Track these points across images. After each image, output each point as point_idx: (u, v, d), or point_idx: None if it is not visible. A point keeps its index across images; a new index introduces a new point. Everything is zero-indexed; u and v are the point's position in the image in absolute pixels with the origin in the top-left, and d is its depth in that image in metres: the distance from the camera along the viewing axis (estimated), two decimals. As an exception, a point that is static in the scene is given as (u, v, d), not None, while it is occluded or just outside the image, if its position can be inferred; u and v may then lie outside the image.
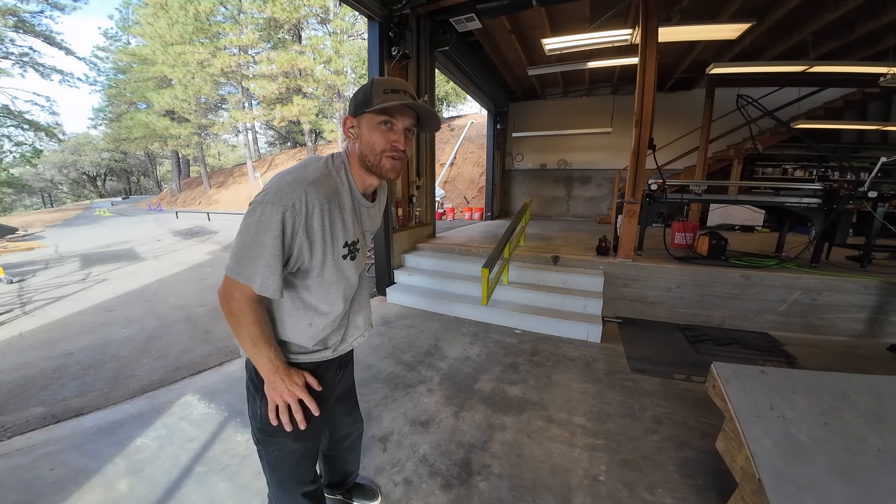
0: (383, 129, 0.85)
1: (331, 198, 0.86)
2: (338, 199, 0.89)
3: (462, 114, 19.59)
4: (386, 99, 0.82)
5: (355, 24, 16.19)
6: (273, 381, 0.92)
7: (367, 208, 1.00)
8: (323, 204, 0.84)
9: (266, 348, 0.90)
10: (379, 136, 0.85)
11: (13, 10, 17.92)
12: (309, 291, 0.95)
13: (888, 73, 4.11)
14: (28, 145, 26.45)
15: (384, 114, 0.85)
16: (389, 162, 0.87)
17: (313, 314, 0.98)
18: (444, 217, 9.98)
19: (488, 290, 2.87)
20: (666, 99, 7.26)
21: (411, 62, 4.23)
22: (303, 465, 1.07)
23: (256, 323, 0.88)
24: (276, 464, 1.04)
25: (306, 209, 0.82)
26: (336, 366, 1.13)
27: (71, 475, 1.64)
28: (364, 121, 0.86)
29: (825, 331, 3.29)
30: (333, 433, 1.36)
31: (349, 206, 0.92)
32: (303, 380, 0.96)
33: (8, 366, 2.79)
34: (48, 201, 36.16)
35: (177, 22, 16.71)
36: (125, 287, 5.09)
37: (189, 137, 20.33)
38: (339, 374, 1.18)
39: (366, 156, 0.88)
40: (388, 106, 0.82)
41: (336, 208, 0.88)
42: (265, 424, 0.98)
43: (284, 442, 1.00)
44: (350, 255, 0.95)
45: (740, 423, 1.26)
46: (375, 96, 0.83)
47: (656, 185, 3.78)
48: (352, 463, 1.47)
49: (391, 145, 0.86)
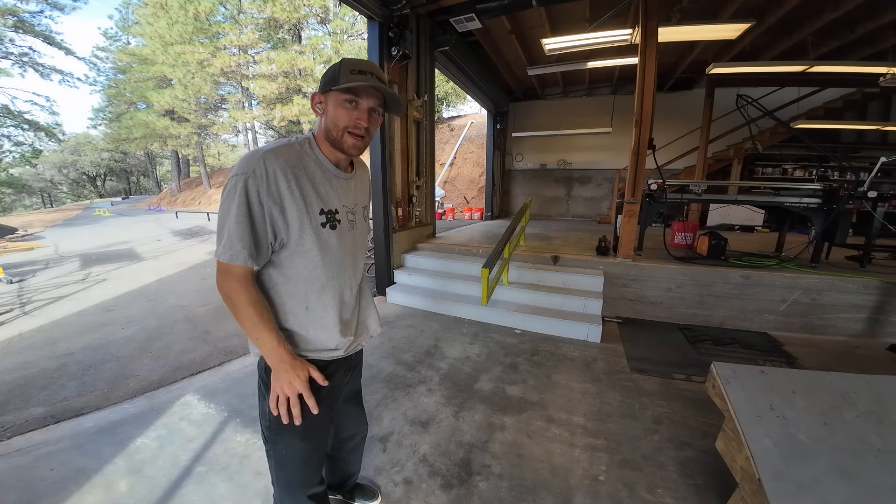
0: (348, 107, 0.89)
1: (293, 164, 0.89)
2: (303, 166, 0.91)
3: (462, 114, 19.58)
4: (353, 79, 0.86)
5: (355, 24, 16.19)
6: (277, 370, 0.93)
7: (346, 180, 1.01)
8: (284, 168, 0.87)
9: (267, 334, 0.90)
10: (343, 112, 0.89)
11: (13, 10, 17.90)
12: (293, 267, 0.94)
13: (888, 73, 4.12)
14: (28, 145, 26.44)
15: (350, 93, 0.88)
16: (351, 139, 0.91)
17: (305, 294, 0.97)
18: (444, 217, 9.98)
19: (488, 290, 2.87)
20: (666, 99, 7.26)
21: (411, 62, 4.23)
22: (309, 465, 1.07)
23: (251, 304, 0.88)
24: (282, 462, 1.04)
25: (266, 174, 0.84)
26: (346, 367, 1.14)
27: (71, 475, 1.64)
28: (331, 98, 0.90)
29: (825, 331, 3.29)
30: (338, 433, 1.36)
31: (319, 174, 0.94)
32: (307, 374, 0.95)
33: (8, 366, 2.79)
34: (48, 201, 36.15)
35: (177, 22, 16.71)
36: (125, 287, 5.09)
37: (189, 137, 20.31)
38: (349, 376, 1.18)
39: (329, 130, 0.93)
40: (354, 86, 0.86)
41: (302, 174, 0.90)
42: (274, 422, 0.98)
43: (292, 441, 1.00)
44: (329, 223, 0.95)
45: (740, 423, 1.26)
46: (343, 76, 0.87)
47: (656, 185, 3.78)
48: (353, 465, 1.47)
49: (354, 122, 0.90)
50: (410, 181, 4.62)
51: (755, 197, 3.99)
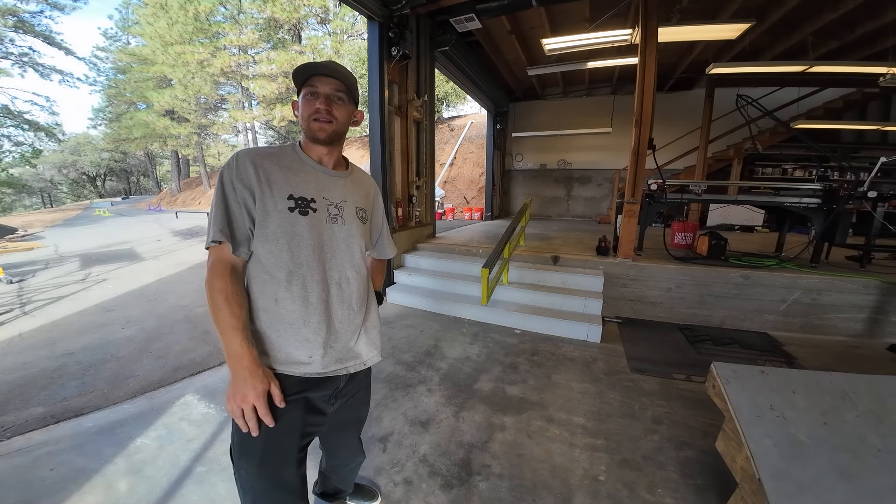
0: (310, 98, 0.97)
1: (264, 156, 0.97)
2: (276, 158, 0.98)
3: (462, 114, 19.56)
4: (299, 74, 0.97)
5: (355, 24, 16.19)
6: (234, 376, 0.85)
7: (335, 176, 1.05)
8: (255, 159, 0.95)
9: (232, 331, 0.85)
10: (306, 104, 0.98)
11: (13, 10, 17.90)
12: (262, 253, 0.94)
13: (888, 73, 4.12)
14: (28, 145, 26.47)
15: (306, 86, 0.97)
16: (316, 124, 0.98)
17: (275, 283, 0.93)
18: (444, 217, 9.97)
19: (488, 290, 2.87)
20: (666, 99, 7.26)
21: (411, 62, 4.23)
22: (273, 497, 0.95)
23: (221, 292, 0.87)
24: (244, 488, 0.96)
25: (237, 163, 0.94)
26: (331, 393, 1.03)
27: (71, 475, 1.64)
28: (300, 99, 1.00)
29: (825, 331, 3.29)
30: (331, 459, 1.34)
31: (296, 166, 1.00)
32: (266, 386, 0.87)
33: (8, 366, 2.79)
34: (48, 201, 36.15)
35: (177, 22, 16.70)
36: (125, 287, 5.08)
37: (189, 137, 20.31)
38: (336, 405, 1.07)
39: (302, 125, 1.00)
40: (303, 77, 0.97)
41: (273, 164, 0.96)
42: (236, 443, 0.94)
43: (249, 467, 0.92)
44: (299, 209, 0.96)
45: (740, 423, 1.26)
46: (296, 76, 0.98)
47: (656, 185, 3.78)
48: (345, 485, 1.45)
49: (314, 109, 0.97)
50: (410, 181, 4.62)
51: (755, 197, 4.00)
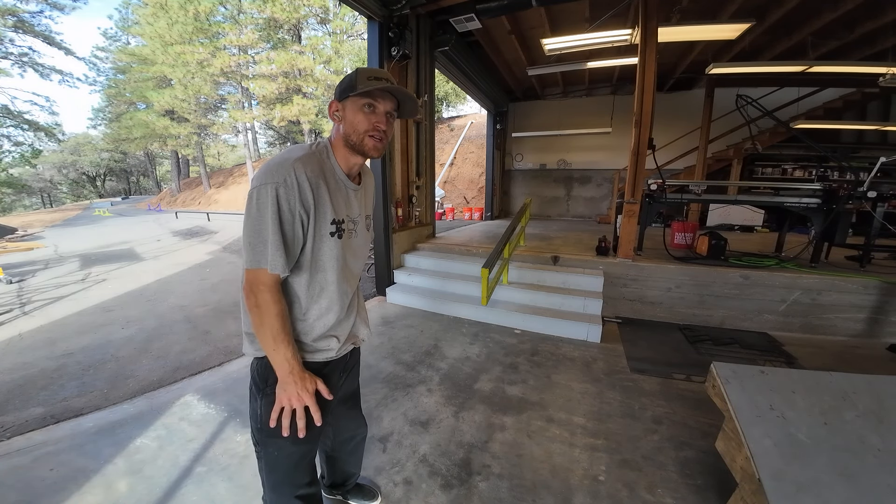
0: (366, 111, 0.92)
1: (317, 173, 0.92)
2: (324, 175, 0.94)
3: (462, 114, 19.58)
4: (369, 85, 0.90)
5: (355, 24, 16.19)
6: (286, 383, 0.93)
7: (354, 191, 1.04)
8: (311, 178, 0.89)
9: (284, 346, 0.91)
10: (362, 117, 0.92)
11: (13, 10, 17.89)
12: (305, 273, 0.96)
13: (887, 73, 4.12)
14: (27, 145, 26.42)
15: (367, 97, 0.92)
16: (371, 141, 0.94)
17: (310, 299, 0.99)
18: (444, 217, 9.98)
19: (488, 290, 2.87)
20: (666, 99, 7.26)
21: (411, 62, 4.23)
22: (300, 468, 1.06)
23: (279, 316, 0.90)
24: (273, 465, 1.03)
25: (297, 183, 0.87)
26: (341, 369, 1.14)
27: (71, 475, 1.63)
28: (349, 104, 0.94)
29: (825, 331, 3.29)
30: (337, 435, 1.36)
31: (333, 184, 0.97)
32: (314, 386, 0.97)
33: (8, 366, 2.79)
34: (48, 201, 36.13)
35: (176, 22, 16.68)
36: (125, 287, 5.08)
37: (189, 137, 20.30)
38: (343, 378, 1.19)
39: (349, 136, 0.95)
40: (371, 90, 0.90)
41: (323, 184, 0.92)
42: (265, 425, 0.98)
43: (284, 444, 1.00)
44: (337, 233, 0.97)
45: (740, 423, 1.26)
46: (360, 82, 0.90)
47: (656, 185, 3.78)
48: (353, 465, 1.47)
49: (373, 126, 0.93)
50: (410, 181, 4.62)
51: (755, 197, 3.99)
